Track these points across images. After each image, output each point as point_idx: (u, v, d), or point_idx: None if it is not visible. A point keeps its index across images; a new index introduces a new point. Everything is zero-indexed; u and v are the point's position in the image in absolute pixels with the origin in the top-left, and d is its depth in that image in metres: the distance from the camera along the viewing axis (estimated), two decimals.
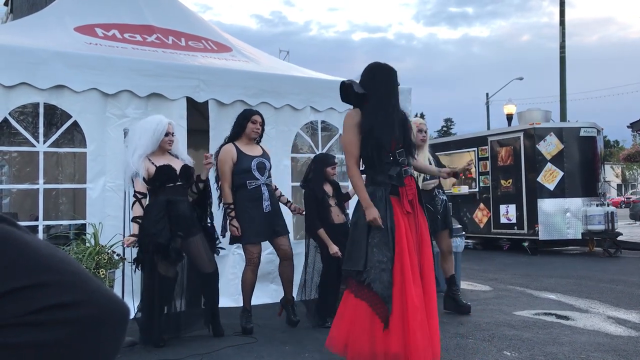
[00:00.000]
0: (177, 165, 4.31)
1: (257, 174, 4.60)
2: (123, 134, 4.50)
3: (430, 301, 3.29)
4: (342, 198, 5.09)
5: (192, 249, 4.27)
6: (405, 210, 3.32)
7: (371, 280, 3.20)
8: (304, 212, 4.96)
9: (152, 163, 4.23)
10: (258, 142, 4.84)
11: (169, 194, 4.22)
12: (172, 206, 4.18)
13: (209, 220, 4.49)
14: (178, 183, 4.27)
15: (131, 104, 5.27)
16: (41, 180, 5.08)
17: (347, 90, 3.50)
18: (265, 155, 4.77)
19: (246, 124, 4.70)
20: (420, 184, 4.51)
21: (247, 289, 4.63)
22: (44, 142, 5.11)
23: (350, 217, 3.86)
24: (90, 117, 5.14)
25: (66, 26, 5.98)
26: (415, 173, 5.17)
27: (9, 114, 4.89)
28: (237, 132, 4.73)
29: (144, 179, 4.16)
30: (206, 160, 4.38)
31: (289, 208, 5.06)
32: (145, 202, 4.21)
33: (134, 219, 4.14)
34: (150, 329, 4.17)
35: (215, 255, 4.49)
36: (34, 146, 5.12)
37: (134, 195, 4.19)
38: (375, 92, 3.40)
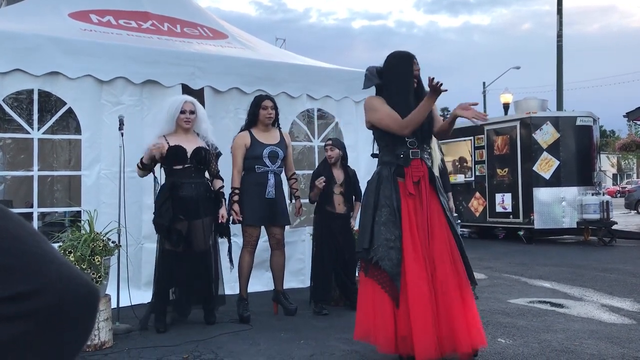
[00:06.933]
0: (191, 146, 4.30)
1: (267, 162, 4.61)
2: (118, 121, 4.48)
3: (447, 288, 3.13)
4: (353, 192, 4.99)
5: (191, 230, 4.26)
6: (408, 192, 3.26)
7: (379, 258, 3.14)
8: (300, 212, 4.98)
9: (168, 142, 4.28)
10: (277, 127, 4.81)
11: (176, 176, 4.27)
12: (176, 189, 4.22)
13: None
14: (187, 165, 4.27)
15: (126, 91, 5.24)
16: (36, 167, 5.05)
17: (369, 77, 3.55)
18: (281, 143, 4.73)
19: (258, 111, 4.69)
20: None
21: (244, 272, 4.62)
22: (39, 129, 5.07)
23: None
24: (85, 104, 5.11)
25: (60, 12, 5.92)
26: (437, 157, 5.15)
27: (3, 100, 4.86)
28: (252, 119, 4.73)
29: (157, 157, 4.26)
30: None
31: (294, 201, 4.94)
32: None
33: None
34: (157, 308, 4.25)
35: (220, 238, 4.50)
36: (29, 133, 5.09)
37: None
38: (393, 79, 3.44)
